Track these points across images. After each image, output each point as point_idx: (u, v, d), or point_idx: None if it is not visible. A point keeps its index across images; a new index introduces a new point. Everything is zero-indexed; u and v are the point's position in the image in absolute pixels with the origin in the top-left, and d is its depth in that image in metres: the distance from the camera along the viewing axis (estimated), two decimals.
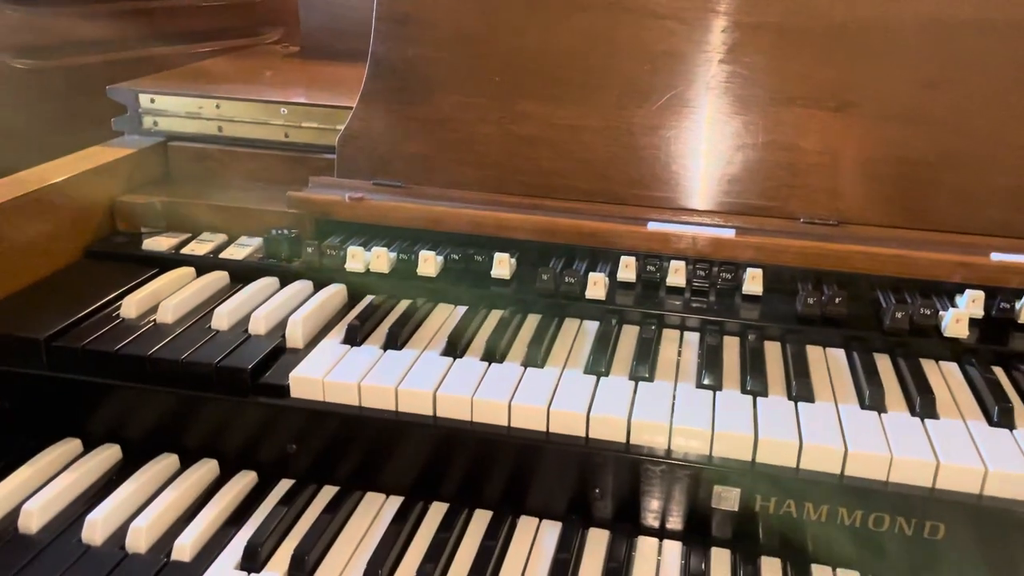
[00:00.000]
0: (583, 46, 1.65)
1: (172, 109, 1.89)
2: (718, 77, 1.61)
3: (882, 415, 1.25)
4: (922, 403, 1.26)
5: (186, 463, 1.37)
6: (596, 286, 1.51)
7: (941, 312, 1.43)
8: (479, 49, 1.68)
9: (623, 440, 1.24)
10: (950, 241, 1.51)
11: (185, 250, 1.67)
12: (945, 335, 1.41)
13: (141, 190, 1.81)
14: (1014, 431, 1.23)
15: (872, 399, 1.28)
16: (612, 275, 1.56)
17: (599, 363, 1.35)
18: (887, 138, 1.55)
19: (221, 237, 1.72)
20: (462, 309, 1.54)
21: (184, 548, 1.19)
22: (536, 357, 1.37)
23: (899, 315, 1.42)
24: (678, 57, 1.62)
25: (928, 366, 1.39)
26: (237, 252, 1.66)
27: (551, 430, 1.26)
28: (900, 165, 1.55)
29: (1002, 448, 1.19)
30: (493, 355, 1.38)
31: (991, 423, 1.24)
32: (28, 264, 1.57)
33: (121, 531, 1.22)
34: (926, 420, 1.24)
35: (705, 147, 1.61)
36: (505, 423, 1.27)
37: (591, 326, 1.49)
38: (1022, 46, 1.51)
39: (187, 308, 1.49)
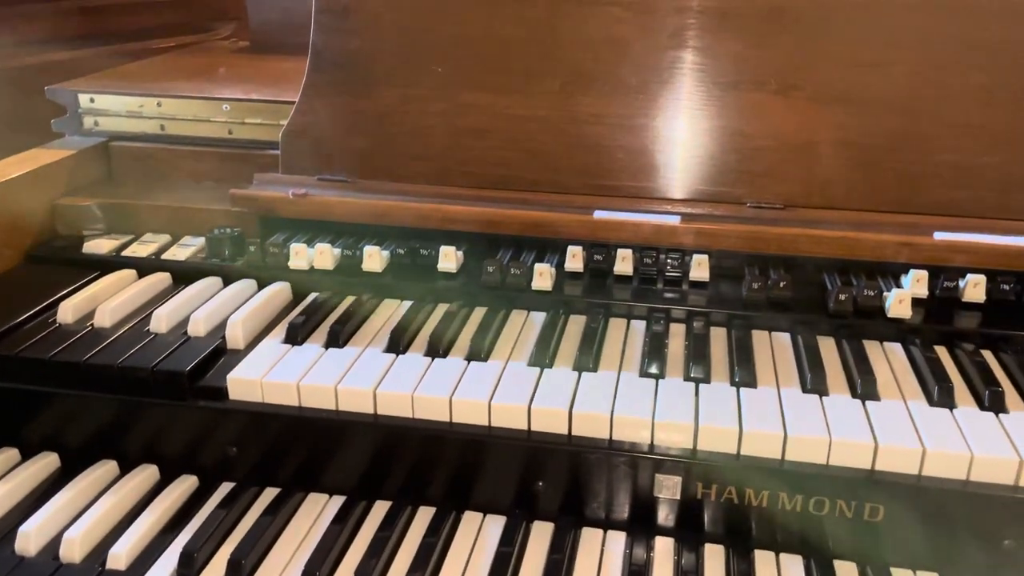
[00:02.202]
0: (526, 34, 1.63)
1: (113, 108, 1.86)
2: (663, 63, 1.60)
3: (823, 398, 1.25)
4: (863, 385, 1.26)
5: (125, 469, 1.35)
6: (542, 277, 1.50)
7: (885, 293, 1.43)
8: (421, 39, 1.66)
9: (565, 432, 1.23)
10: (894, 222, 1.51)
11: (127, 252, 1.64)
12: (889, 316, 1.41)
13: (83, 192, 1.78)
14: (954, 411, 1.22)
15: (814, 383, 1.27)
16: (560, 265, 1.55)
17: (543, 355, 1.34)
18: (830, 120, 1.54)
19: (164, 238, 1.69)
20: (408, 304, 1.52)
21: (119, 557, 1.17)
22: (479, 351, 1.35)
23: (843, 297, 1.42)
24: (622, 44, 1.61)
25: (872, 348, 1.39)
26: (180, 253, 1.63)
27: (493, 424, 1.25)
28: (844, 147, 1.54)
29: (941, 428, 1.18)
30: (436, 350, 1.36)
31: (931, 403, 1.24)
32: None
33: (56, 541, 1.20)
34: (867, 402, 1.24)
35: (651, 134, 1.59)
36: (447, 419, 1.26)
37: (538, 317, 1.48)
38: (959, 25, 1.51)
39: (126, 311, 1.47)
